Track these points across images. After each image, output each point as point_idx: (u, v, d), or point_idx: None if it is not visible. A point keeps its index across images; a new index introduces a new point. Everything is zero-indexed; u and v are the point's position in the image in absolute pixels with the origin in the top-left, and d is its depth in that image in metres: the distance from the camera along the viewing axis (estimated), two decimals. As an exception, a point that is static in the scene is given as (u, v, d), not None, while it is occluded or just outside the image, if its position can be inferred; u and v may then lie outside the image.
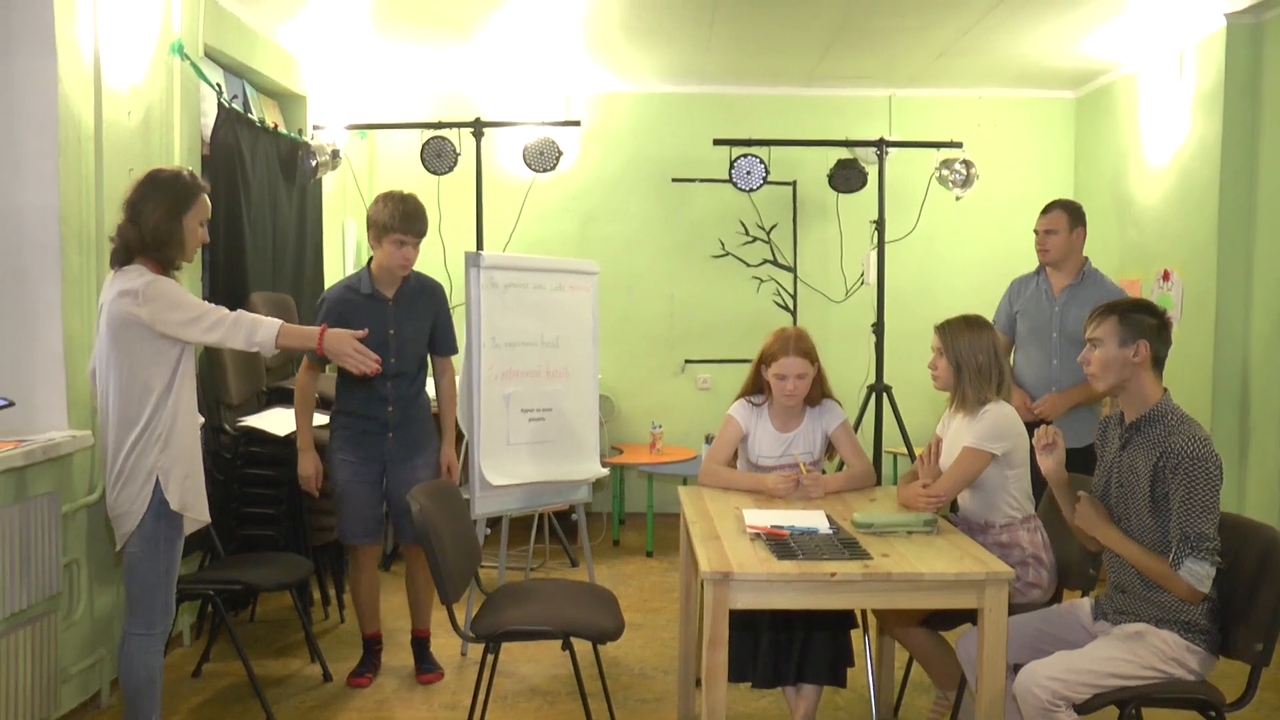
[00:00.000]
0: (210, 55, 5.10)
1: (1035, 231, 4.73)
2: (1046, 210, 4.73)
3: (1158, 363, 3.04)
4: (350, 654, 4.65)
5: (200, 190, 3.35)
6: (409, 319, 4.25)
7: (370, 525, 4.31)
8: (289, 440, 4.68)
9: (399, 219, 4.09)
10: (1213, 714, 2.94)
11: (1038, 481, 3.47)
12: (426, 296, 4.32)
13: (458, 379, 4.65)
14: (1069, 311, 4.61)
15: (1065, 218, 4.67)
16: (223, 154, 5.02)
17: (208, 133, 5.01)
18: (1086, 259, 4.73)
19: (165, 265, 3.29)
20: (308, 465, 4.27)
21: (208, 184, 3.45)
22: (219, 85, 5.04)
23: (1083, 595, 3.44)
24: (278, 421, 4.79)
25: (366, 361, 3.47)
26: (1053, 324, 4.64)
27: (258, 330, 3.30)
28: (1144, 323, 3.03)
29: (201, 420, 3.75)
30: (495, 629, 3.45)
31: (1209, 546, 2.84)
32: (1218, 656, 2.98)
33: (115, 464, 3.26)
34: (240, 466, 4.75)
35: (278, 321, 3.34)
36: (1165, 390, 3.06)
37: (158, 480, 3.25)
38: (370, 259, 4.24)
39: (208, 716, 4.06)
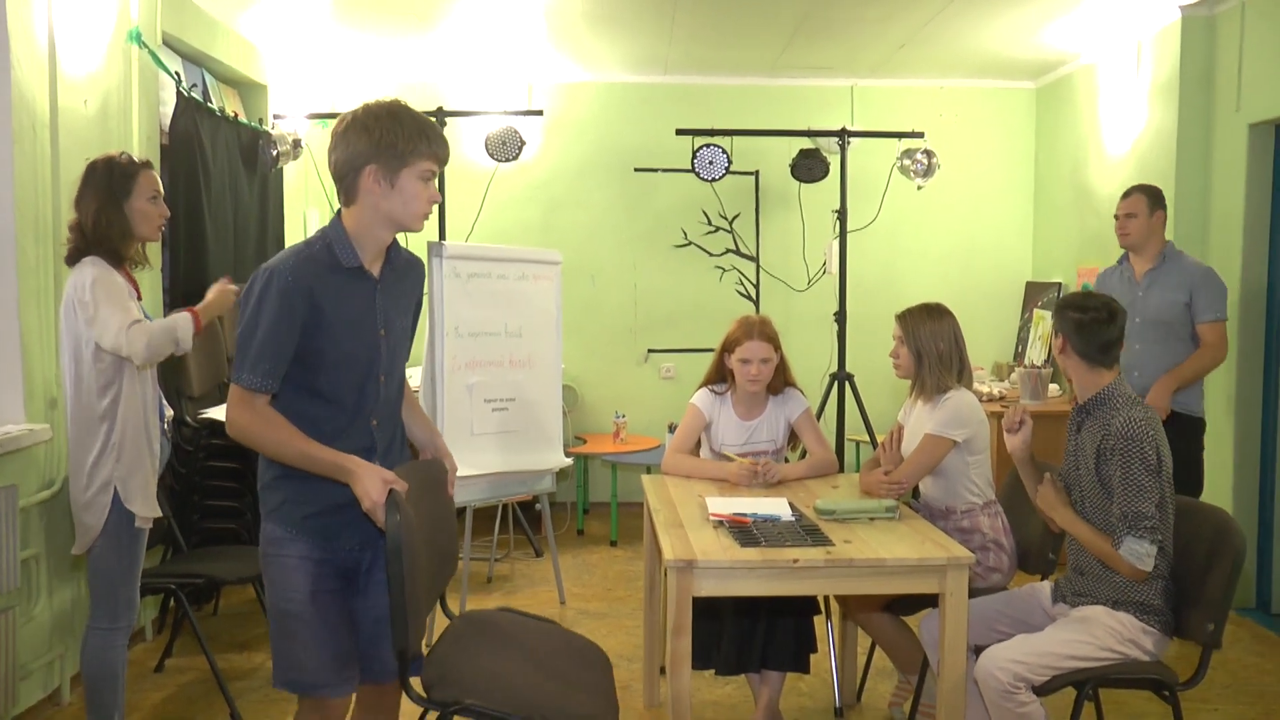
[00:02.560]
0: (169, 43, 5.05)
1: (1115, 217, 4.68)
2: (1126, 195, 4.67)
3: (1085, 356, 3.11)
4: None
5: (139, 169, 3.32)
6: (397, 311, 2.67)
7: (350, 659, 2.64)
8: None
9: (431, 139, 2.52)
10: (1166, 693, 3.01)
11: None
12: (414, 278, 2.76)
13: (419, 369, 4.63)
14: (1151, 295, 4.59)
15: (1145, 201, 4.61)
16: (182, 143, 4.98)
17: (167, 122, 4.97)
18: (1169, 242, 4.68)
19: (117, 256, 3.25)
20: (376, 485, 2.44)
21: (149, 160, 3.42)
22: (178, 74, 4.99)
23: (1042, 579, 3.49)
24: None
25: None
26: (1134, 309, 4.58)
27: (177, 328, 3.29)
28: (1065, 317, 3.15)
29: (170, 414, 3.73)
30: (454, 694, 2.53)
31: (1147, 525, 2.92)
32: (1171, 637, 3.04)
33: (80, 472, 3.26)
34: (202, 459, 4.71)
35: (185, 314, 3.34)
36: (1119, 376, 3.13)
37: (115, 490, 3.25)
38: (337, 214, 2.59)
39: (171, 712, 4.04)
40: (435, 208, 2.60)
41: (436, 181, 2.59)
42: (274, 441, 2.49)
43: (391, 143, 2.47)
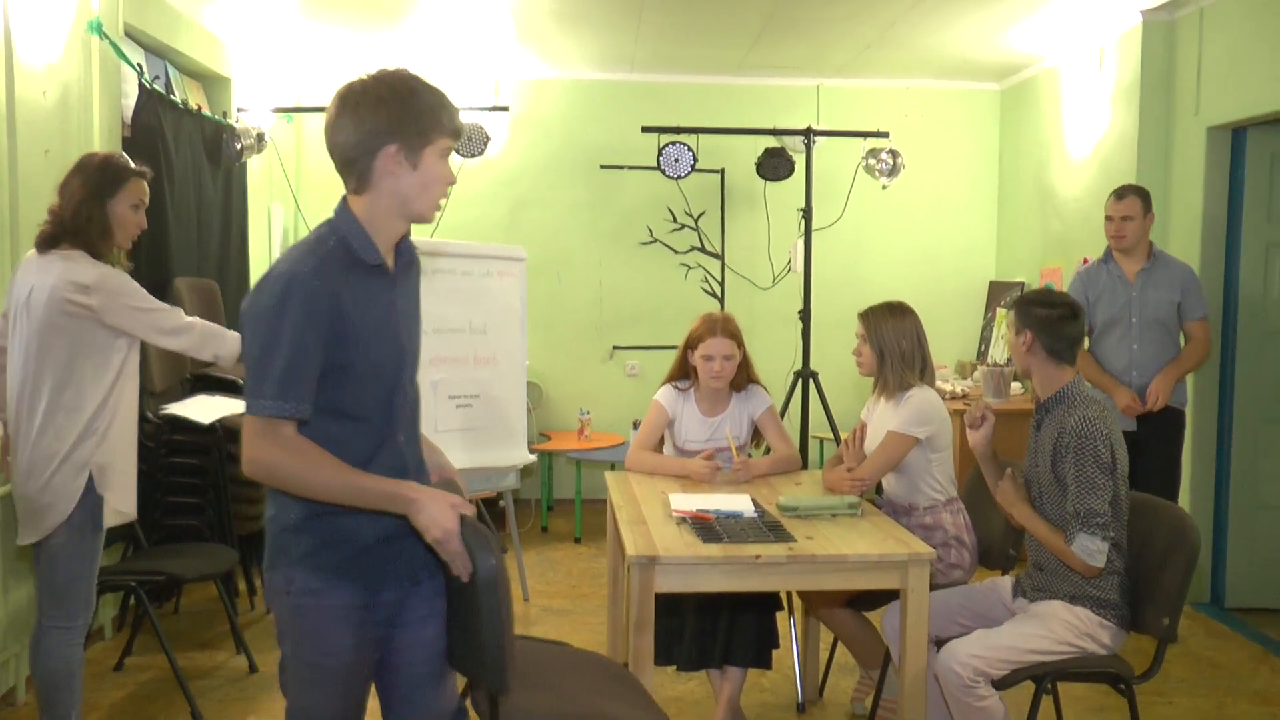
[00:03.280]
0: (131, 35, 5.00)
1: (1109, 217, 4.70)
2: (1121, 196, 4.68)
3: (1052, 353, 3.14)
4: (276, 644, 4.57)
5: (131, 175, 3.30)
6: (411, 311, 2.39)
7: (363, 710, 2.35)
8: (213, 429, 4.61)
9: (450, 110, 2.22)
10: (1122, 687, 3.05)
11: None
12: (416, 271, 2.43)
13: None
14: (1147, 295, 4.66)
15: (1139, 203, 4.66)
16: (144, 136, 4.93)
17: (129, 114, 4.92)
18: (1151, 241, 4.77)
19: (93, 252, 3.23)
20: (446, 511, 2.12)
21: (147, 169, 3.40)
22: (140, 66, 4.94)
23: (1003, 575, 3.53)
24: (202, 409, 4.72)
25: None
26: (1131, 309, 4.67)
27: (224, 344, 3.37)
28: (1032, 314, 3.17)
29: None
30: None
31: (1098, 522, 2.96)
32: (1128, 632, 3.09)
33: (44, 454, 3.18)
34: (164, 455, 4.66)
35: (239, 335, 3.32)
36: (1078, 374, 3.17)
37: (91, 474, 3.20)
38: (343, 203, 2.23)
39: (130, 711, 4.00)
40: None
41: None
42: (311, 476, 2.10)
43: (414, 117, 2.15)
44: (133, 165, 3.33)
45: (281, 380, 2.06)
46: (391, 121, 2.14)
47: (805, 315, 6.16)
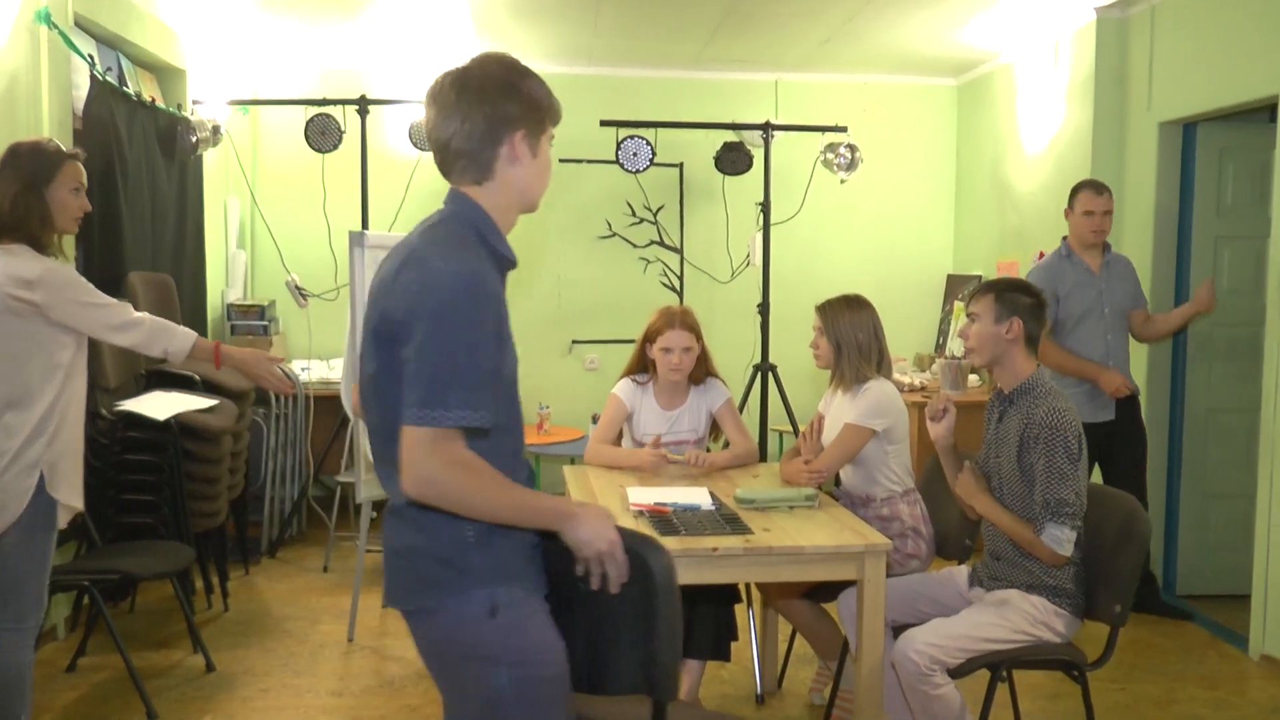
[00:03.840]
0: (82, 26, 4.92)
1: (1089, 212, 4.75)
2: (1100, 191, 4.78)
3: (1030, 340, 3.17)
4: (234, 643, 4.56)
5: (65, 158, 3.23)
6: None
7: None
8: (168, 425, 4.56)
9: (557, 101, 2.18)
10: (1076, 673, 3.09)
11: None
12: None
13: (344, 361, 4.57)
14: (1113, 287, 4.81)
15: (1112, 198, 4.82)
16: (97, 129, 4.86)
17: (80, 106, 4.85)
18: None
19: (36, 244, 3.18)
20: (607, 524, 2.06)
21: (79, 150, 3.35)
22: (91, 57, 4.86)
23: (959, 565, 3.56)
24: (157, 405, 4.66)
25: (285, 383, 3.31)
26: (1102, 300, 4.78)
27: (173, 339, 3.31)
28: (1018, 302, 3.17)
29: None
30: None
31: (1068, 511, 2.98)
32: (1082, 620, 3.12)
33: None
34: (118, 452, 4.60)
35: (192, 334, 3.33)
36: (1039, 366, 3.20)
37: (41, 473, 3.15)
38: (461, 195, 2.17)
39: (83, 712, 3.94)
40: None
41: None
42: (484, 496, 1.91)
43: (536, 102, 2.06)
44: (64, 148, 3.27)
45: (471, 387, 1.87)
46: (521, 107, 2.05)
47: (764, 309, 6.19)
